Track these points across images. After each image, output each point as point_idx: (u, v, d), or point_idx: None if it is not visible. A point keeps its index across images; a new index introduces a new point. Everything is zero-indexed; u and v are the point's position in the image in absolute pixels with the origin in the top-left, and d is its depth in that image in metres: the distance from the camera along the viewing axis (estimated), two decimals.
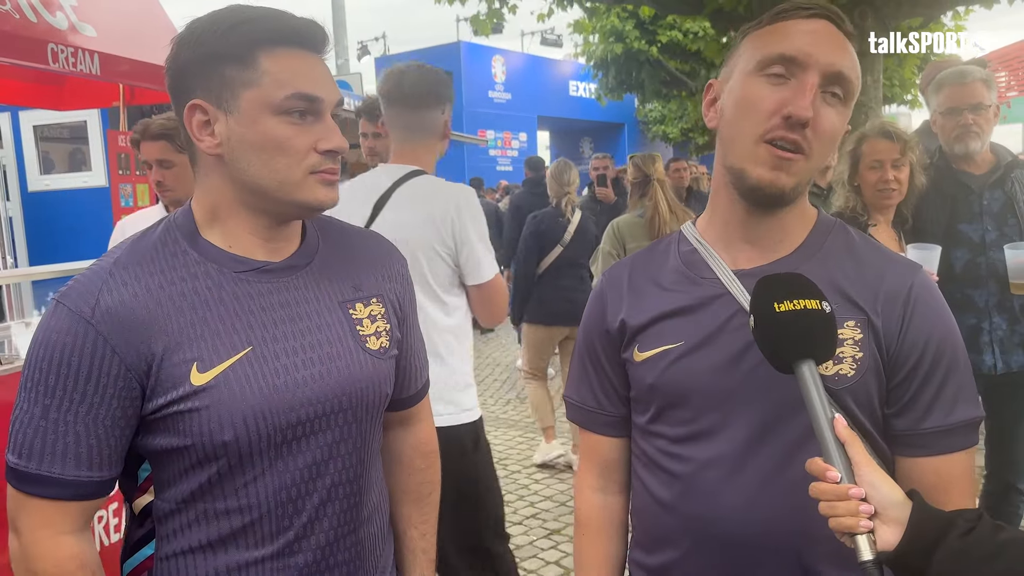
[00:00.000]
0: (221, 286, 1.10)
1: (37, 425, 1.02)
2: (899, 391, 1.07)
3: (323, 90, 1.10)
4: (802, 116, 1.01)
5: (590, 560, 1.30)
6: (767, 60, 1.06)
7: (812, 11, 1.07)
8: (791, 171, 1.04)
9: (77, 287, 1.06)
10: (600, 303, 1.26)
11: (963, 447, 1.07)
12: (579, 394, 1.30)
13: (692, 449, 1.13)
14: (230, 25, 1.06)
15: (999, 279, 2.64)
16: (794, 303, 0.98)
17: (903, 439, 1.08)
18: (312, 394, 1.12)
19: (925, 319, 1.07)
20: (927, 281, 1.10)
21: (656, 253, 1.25)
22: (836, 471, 0.92)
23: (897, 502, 0.91)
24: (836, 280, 1.09)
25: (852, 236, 1.16)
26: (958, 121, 2.69)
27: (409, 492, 1.41)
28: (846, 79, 1.05)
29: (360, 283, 1.23)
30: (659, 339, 1.15)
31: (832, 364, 1.05)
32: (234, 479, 1.09)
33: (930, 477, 1.06)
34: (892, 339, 1.06)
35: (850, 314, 1.07)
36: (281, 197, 1.10)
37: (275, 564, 1.13)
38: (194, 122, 1.09)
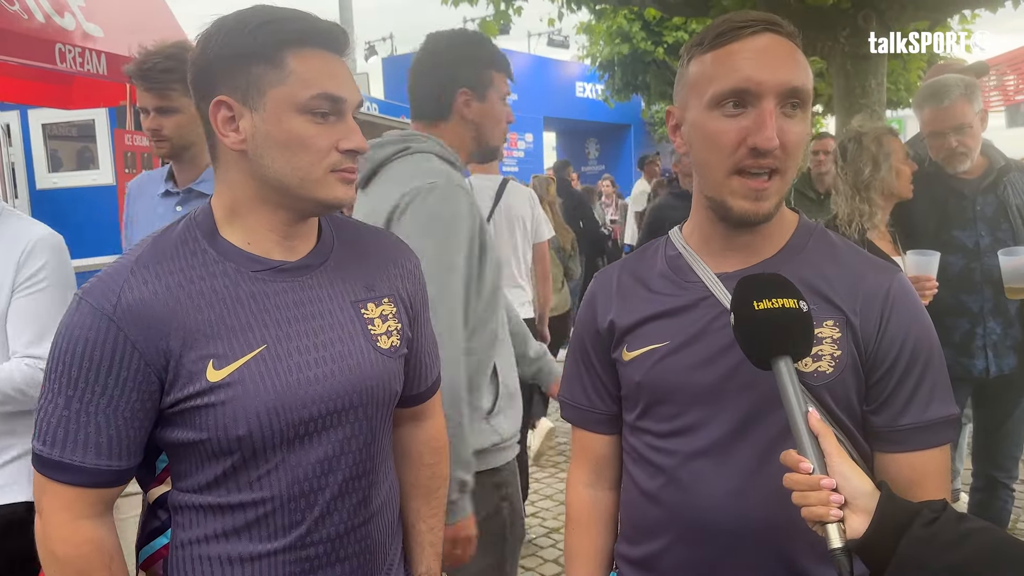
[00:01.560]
0: (238, 285, 1.14)
1: (60, 415, 1.07)
2: (877, 389, 1.11)
3: (346, 91, 1.13)
4: (768, 147, 1.04)
5: (579, 553, 1.34)
6: (719, 96, 1.07)
7: (752, 28, 1.08)
8: (769, 195, 1.08)
9: (100, 284, 1.10)
10: (591, 305, 1.30)
11: (938, 443, 1.11)
12: (572, 393, 1.34)
13: (677, 443, 1.17)
14: (258, 24, 1.09)
15: (994, 284, 2.64)
16: (772, 302, 1.02)
17: (881, 435, 1.12)
18: (324, 391, 1.15)
19: (902, 319, 1.10)
20: (905, 283, 1.14)
21: (645, 257, 1.29)
22: (809, 462, 0.96)
23: (866, 492, 0.95)
24: (815, 281, 1.13)
25: (832, 239, 1.20)
26: (943, 145, 2.68)
27: (419, 486, 1.44)
28: (800, 90, 1.07)
29: (372, 283, 1.26)
30: (646, 339, 1.19)
31: (811, 361, 1.09)
32: (248, 472, 1.13)
33: (906, 472, 1.10)
34: (871, 338, 1.10)
35: (829, 314, 1.11)
36: (301, 194, 1.13)
37: (287, 556, 1.16)
38: (219, 118, 1.12)
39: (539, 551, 3.75)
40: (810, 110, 1.11)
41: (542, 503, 4.33)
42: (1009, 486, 2.88)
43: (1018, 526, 3.74)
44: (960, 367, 2.71)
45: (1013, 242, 2.63)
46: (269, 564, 1.15)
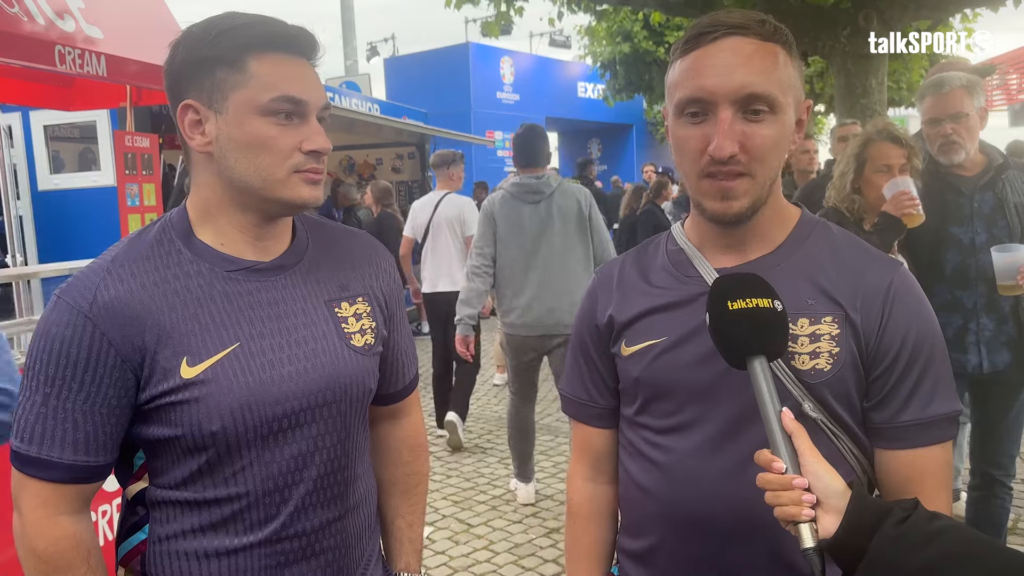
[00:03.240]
0: (212, 284, 1.15)
1: (38, 412, 1.09)
2: (878, 385, 1.10)
3: (308, 93, 1.14)
4: (720, 156, 1.05)
5: (580, 546, 1.35)
6: (681, 104, 1.09)
7: (715, 33, 1.07)
8: (738, 195, 1.08)
9: (76, 283, 1.11)
10: (591, 300, 1.31)
11: (939, 440, 1.10)
12: (572, 387, 1.35)
13: (674, 439, 1.17)
14: (222, 30, 1.12)
15: (988, 281, 2.65)
16: (747, 302, 1.02)
17: (881, 432, 1.11)
18: (297, 388, 1.17)
19: (904, 315, 1.10)
20: (907, 278, 1.13)
21: (647, 252, 1.29)
22: (782, 462, 0.96)
23: (838, 492, 0.94)
24: (816, 277, 1.12)
25: (834, 234, 1.19)
26: (939, 132, 2.70)
27: (397, 483, 1.46)
28: (762, 96, 1.05)
29: (346, 282, 1.28)
30: (645, 334, 1.20)
31: (809, 359, 1.09)
32: (223, 468, 1.14)
33: (906, 469, 1.10)
34: (871, 334, 1.09)
35: (828, 310, 1.10)
36: (266, 194, 1.15)
37: (264, 550, 1.17)
38: (186, 121, 1.15)
39: (539, 551, 3.75)
40: (785, 112, 1.09)
41: (543, 503, 4.33)
42: (1007, 484, 2.88)
43: (1019, 525, 3.73)
44: (953, 363, 2.69)
45: (1009, 239, 2.64)
46: (245, 558, 1.17)
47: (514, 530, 3.99)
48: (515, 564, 3.63)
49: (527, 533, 3.95)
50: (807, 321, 1.10)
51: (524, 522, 4.08)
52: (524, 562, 3.64)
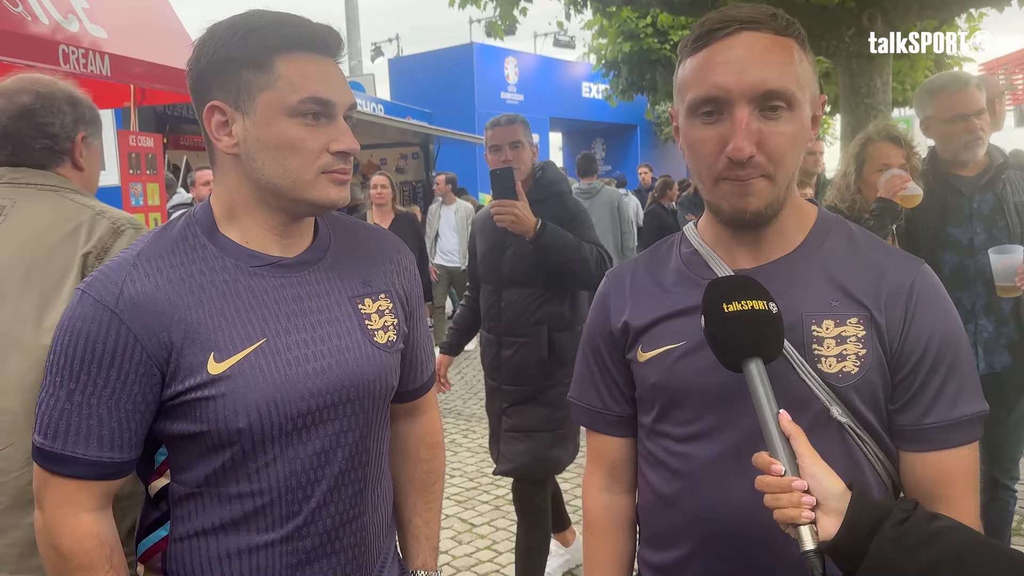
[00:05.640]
0: (237, 280, 1.15)
1: (63, 408, 1.08)
2: (903, 387, 1.08)
3: (336, 94, 1.14)
4: (739, 157, 1.01)
5: (600, 559, 1.32)
6: (695, 103, 1.05)
7: (727, 29, 1.04)
8: (757, 193, 1.05)
9: (102, 278, 1.11)
10: (603, 304, 1.27)
11: (965, 442, 1.08)
12: (583, 395, 1.31)
13: (695, 447, 1.14)
14: (248, 30, 1.11)
15: (987, 282, 2.63)
16: (742, 304, 1.00)
17: (906, 434, 1.09)
18: (321, 385, 1.16)
19: (928, 315, 1.07)
20: (930, 277, 1.11)
21: (659, 254, 1.26)
22: (780, 464, 0.95)
23: (838, 493, 0.93)
24: (838, 277, 1.10)
25: (854, 233, 1.16)
26: (966, 127, 2.64)
27: (414, 481, 1.45)
28: (780, 92, 1.02)
29: (369, 279, 1.28)
30: (661, 339, 1.17)
31: (835, 362, 1.06)
32: (247, 464, 1.14)
33: (933, 472, 1.08)
34: (895, 335, 1.07)
35: (853, 311, 1.08)
36: (294, 195, 1.14)
37: (284, 547, 1.17)
38: (213, 122, 1.14)
39: None
40: (803, 108, 1.06)
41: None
42: (1011, 487, 2.87)
43: (1023, 527, 3.72)
44: None
45: (1008, 240, 2.62)
46: (267, 555, 1.16)
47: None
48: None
49: None
50: (832, 323, 1.07)
51: None
52: None
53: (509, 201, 2.66)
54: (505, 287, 2.96)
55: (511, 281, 2.94)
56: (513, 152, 2.92)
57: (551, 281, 2.87)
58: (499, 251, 2.96)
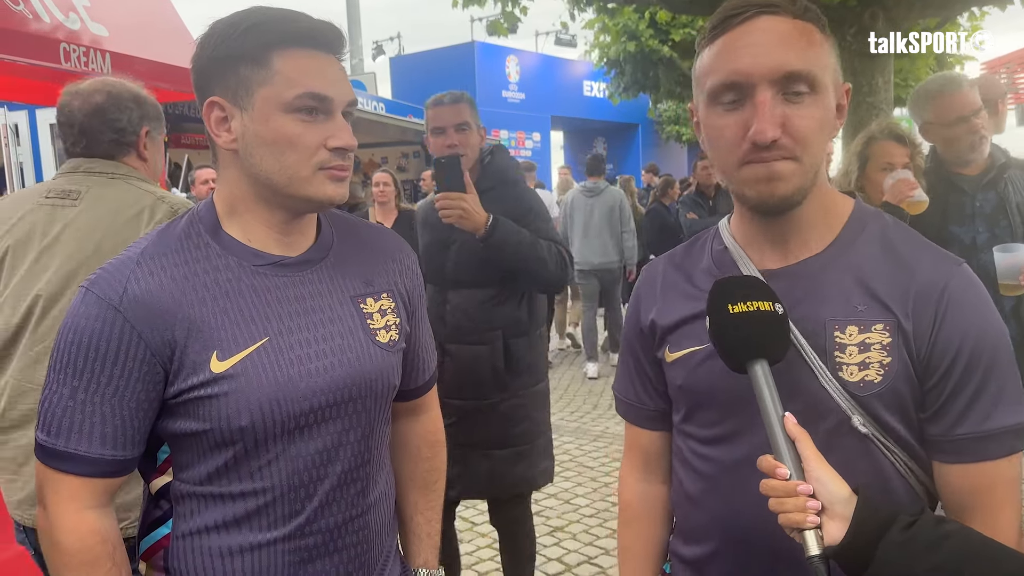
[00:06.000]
0: (240, 279, 1.15)
1: (65, 405, 1.08)
2: (932, 396, 1.03)
3: (334, 89, 1.14)
4: (763, 140, 0.99)
5: (633, 547, 1.34)
6: (716, 90, 1.04)
7: (744, 14, 1.02)
8: (784, 177, 1.01)
9: (105, 275, 1.11)
10: (637, 300, 1.29)
11: (1001, 455, 1.02)
12: (623, 389, 1.34)
13: (718, 451, 1.14)
14: (247, 26, 1.11)
15: (990, 281, 2.62)
16: (747, 305, 0.99)
17: (937, 444, 1.04)
18: (324, 384, 1.17)
19: (959, 319, 1.02)
20: (967, 278, 1.05)
21: (693, 250, 1.25)
22: (786, 468, 0.94)
23: (843, 498, 0.93)
24: (867, 279, 1.06)
25: (889, 228, 1.11)
26: (968, 128, 2.64)
27: (416, 480, 1.46)
28: (802, 74, 1.00)
29: (371, 278, 1.28)
30: (687, 340, 1.16)
31: (857, 370, 1.03)
32: (249, 463, 1.14)
33: (965, 484, 1.03)
34: (923, 342, 1.02)
35: (879, 316, 1.04)
36: (291, 192, 1.14)
37: (286, 546, 1.17)
38: (212, 118, 1.15)
39: (543, 549, 3.75)
40: (827, 93, 1.03)
41: (546, 501, 4.33)
42: None
43: None
44: None
45: (1011, 239, 2.62)
46: (269, 554, 1.17)
47: None
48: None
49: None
50: (856, 329, 1.03)
51: None
52: None
53: (456, 194, 2.34)
54: (451, 288, 2.61)
55: (457, 282, 2.60)
56: (459, 135, 2.53)
57: (506, 281, 2.55)
58: (443, 247, 2.61)
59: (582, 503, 4.35)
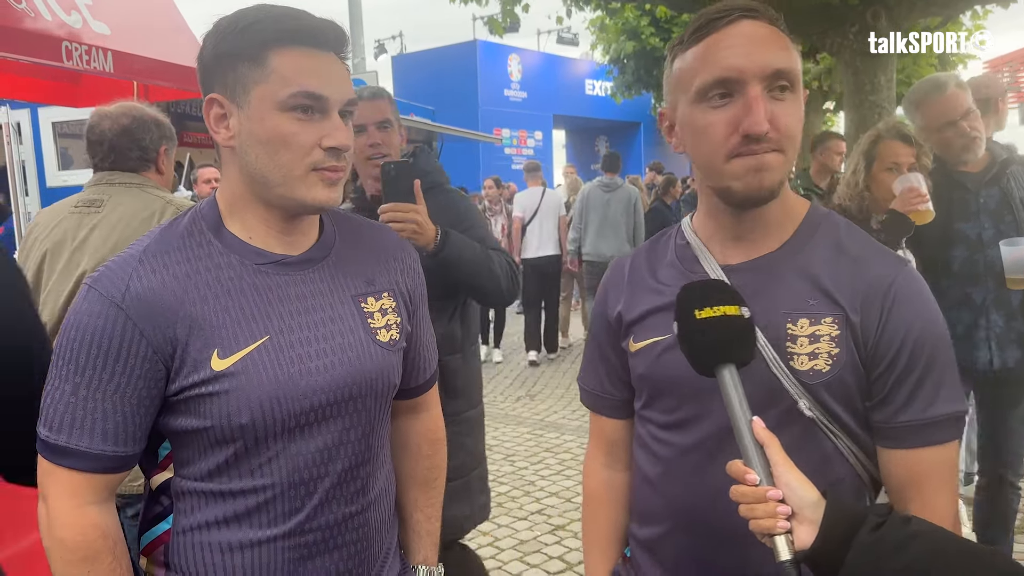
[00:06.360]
0: (242, 277, 1.16)
1: (68, 401, 1.09)
2: (878, 385, 1.09)
3: (330, 88, 1.13)
4: (758, 132, 1.03)
5: (596, 530, 1.38)
6: (705, 88, 1.07)
7: (728, 17, 1.07)
8: (772, 168, 1.06)
9: (108, 273, 1.11)
10: (604, 293, 1.33)
11: (940, 441, 1.08)
12: (587, 380, 1.38)
13: (675, 436, 1.19)
14: (246, 24, 1.11)
15: (996, 276, 2.65)
16: (714, 309, 1.01)
17: (881, 431, 1.10)
18: (324, 382, 1.17)
19: (904, 315, 1.08)
20: (911, 276, 1.11)
21: (658, 245, 1.30)
22: (755, 474, 0.95)
23: (812, 502, 0.93)
24: (818, 276, 1.11)
25: (840, 228, 1.17)
26: (958, 132, 2.67)
27: (416, 477, 1.46)
28: (786, 72, 1.05)
29: (373, 277, 1.28)
30: (651, 331, 1.20)
31: (807, 360, 1.08)
32: (250, 460, 1.15)
33: (906, 469, 1.09)
34: (870, 335, 1.08)
35: (828, 310, 1.09)
36: (284, 192, 1.14)
37: (286, 543, 1.17)
38: (212, 115, 1.15)
39: (544, 548, 3.75)
40: (801, 92, 1.09)
41: (548, 500, 4.33)
42: (1015, 484, 2.87)
43: None
44: (964, 360, 2.73)
45: (1016, 233, 2.63)
46: (269, 550, 1.17)
47: (519, 527, 3.99)
48: (520, 561, 3.63)
49: (532, 530, 3.95)
50: (807, 322, 1.09)
51: (530, 519, 4.08)
52: (529, 559, 3.64)
53: (407, 205, 1.99)
54: None
55: None
56: (382, 133, 2.21)
57: (444, 296, 2.21)
58: None
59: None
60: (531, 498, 4.37)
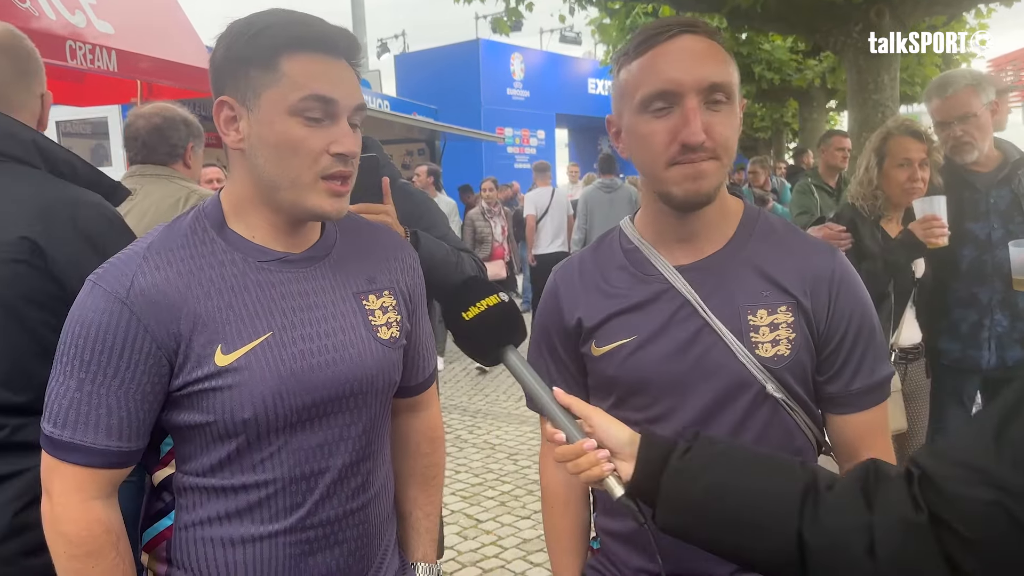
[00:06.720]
0: (245, 274, 1.17)
1: (72, 397, 1.09)
2: (829, 361, 1.22)
3: (339, 92, 1.13)
4: (694, 142, 1.10)
5: (559, 530, 1.41)
6: (646, 99, 1.14)
7: (669, 32, 1.14)
8: (708, 176, 1.14)
9: (112, 270, 1.12)
10: (554, 299, 1.34)
11: (881, 400, 1.25)
12: None
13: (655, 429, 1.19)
14: (259, 29, 1.12)
15: (1003, 277, 2.64)
16: (478, 306, 1.07)
17: (835, 400, 1.24)
18: (326, 379, 1.18)
19: (847, 298, 1.21)
20: (845, 262, 1.24)
21: (601, 251, 1.33)
22: (562, 433, 1.03)
23: (627, 440, 1.02)
24: (766, 269, 1.21)
25: (775, 224, 1.28)
26: (948, 135, 2.70)
27: (415, 475, 1.47)
28: (721, 85, 1.12)
29: (374, 275, 1.29)
30: (614, 334, 1.25)
31: (771, 347, 1.18)
32: (252, 455, 1.16)
33: (858, 429, 1.24)
34: (822, 318, 1.20)
35: (782, 300, 1.20)
36: (290, 197, 1.15)
37: (287, 538, 1.18)
38: (222, 117, 1.16)
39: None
40: (738, 103, 1.16)
41: None
42: None
43: None
44: (968, 359, 2.73)
45: None
46: (270, 546, 1.18)
47: (522, 526, 3.99)
48: (523, 560, 3.64)
49: (535, 529, 3.95)
50: (765, 312, 1.19)
51: (532, 518, 4.09)
52: (532, 558, 3.64)
53: (377, 206, 1.86)
54: None
55: None
56: None
57: None
58: None
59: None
60: (534, 497, 4.37)
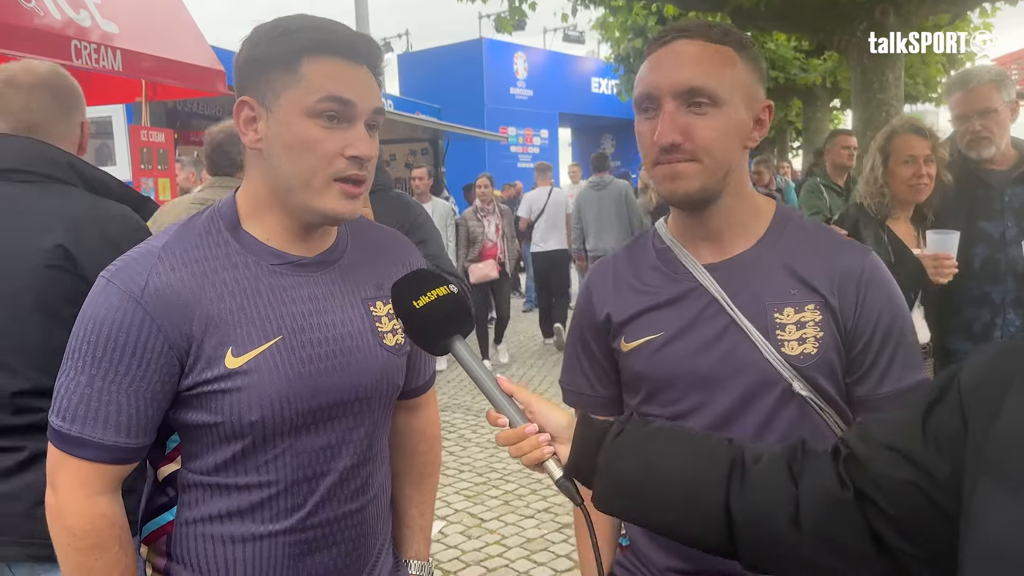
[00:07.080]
0: (258, 277, 1.18)
1: (82, 392, 1.10)
2: (857, 361, 1.21)
3: (357, 95, 1.14)
4: (662, 143, 1.15)
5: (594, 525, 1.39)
6: (637, 101, 1.21)
7: (665, 39, 1.19)
8: (686, 176, 1.16)
9: (126, 268, 1.13)
10: (588, 296, 1.37)
11: None
12: (573, 381, 1.41)
13: (687, 423, 1.23)
14: (282, 32, 1.14)
15: (1017, 276, 2.62)
16: (428, 296, 1.09)
17: (864, 403, 1.22)
18: (332, 383, 1.19)
19: (877, 298, 1.20)
20: (876, 262, 1.23)
21: (635, 250, 1.37)
22: (505, 417, 1.05)
23: (565, 424, 1.04)
24: (795, 267, 1.22)
25: (806, 224, 1.29)
26: (967, 129, 2.68)
27: (411, 474, 1.49)
28: (702, 89, 1.14)
29: (382, 281, 1.30)
30: (643, 330, 1.27)
31: (797, 345, 1.18)
32: (256, 456, 1.17)
33: None
34: (849, 316, 1.19)
35: (810, 298, 1.20)
36: (303, 199, 1.15)
37: (287, 538, 1.20)
38: (242, 117, 1.17)
39: (551, 546, 3.76)
40: (731, 106, 1.17)
41: (555, 498, 4.33)
42: None
43: None
44: None
45: None
46: (270, 545, 1.19)
47: (526, 525, 4.00)
48: (527, 559, 3.64)
49: (540, 528, 3.95)
50: (792, 310, 1.19)
51: (536, 517, 4.09)
52: (536, 557, 3.64)
53: None
54: None
55: None
56: None
57: None
58: None
59: None
60: (538, 496, 4.37)
